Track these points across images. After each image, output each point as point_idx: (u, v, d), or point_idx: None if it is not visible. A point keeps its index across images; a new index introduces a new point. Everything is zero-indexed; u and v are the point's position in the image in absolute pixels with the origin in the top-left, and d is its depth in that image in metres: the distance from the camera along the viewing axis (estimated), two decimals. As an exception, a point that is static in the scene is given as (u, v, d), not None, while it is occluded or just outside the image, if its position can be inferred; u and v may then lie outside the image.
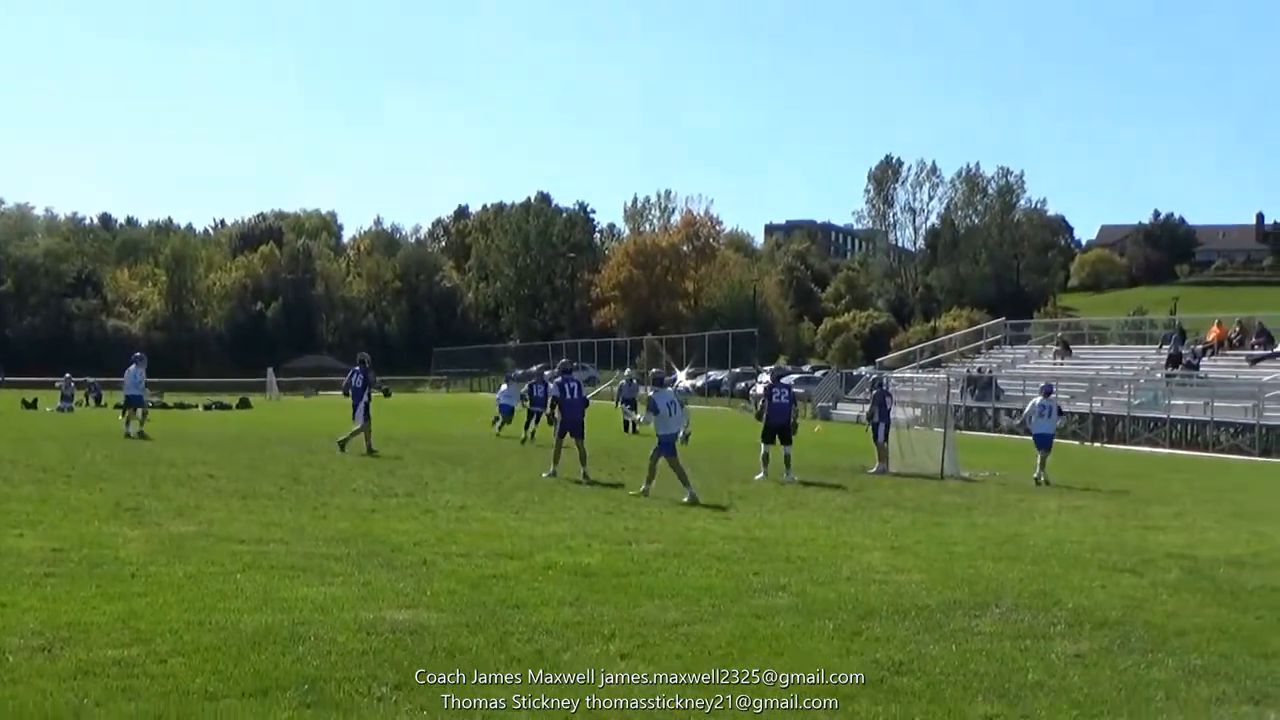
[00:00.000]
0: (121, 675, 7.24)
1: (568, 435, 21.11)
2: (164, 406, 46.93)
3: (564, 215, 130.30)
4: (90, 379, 56.32)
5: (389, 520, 14.52)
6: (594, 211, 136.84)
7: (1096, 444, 40.24)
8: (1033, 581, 11.61)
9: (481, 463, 22.89)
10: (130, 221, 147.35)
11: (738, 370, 70.93)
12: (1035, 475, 23.48)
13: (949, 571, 12.06)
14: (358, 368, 26.42)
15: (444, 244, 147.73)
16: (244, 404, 54.80)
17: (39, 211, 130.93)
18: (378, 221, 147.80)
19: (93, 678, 7.17)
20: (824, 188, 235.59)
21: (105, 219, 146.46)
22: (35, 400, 49.90)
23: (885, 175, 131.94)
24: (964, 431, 38.27)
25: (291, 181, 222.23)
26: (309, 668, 7.53)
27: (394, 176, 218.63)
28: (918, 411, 29.01)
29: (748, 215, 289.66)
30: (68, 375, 50.47)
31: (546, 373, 41.45)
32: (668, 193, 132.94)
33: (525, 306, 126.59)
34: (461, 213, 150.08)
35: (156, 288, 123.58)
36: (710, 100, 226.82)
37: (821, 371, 71.52)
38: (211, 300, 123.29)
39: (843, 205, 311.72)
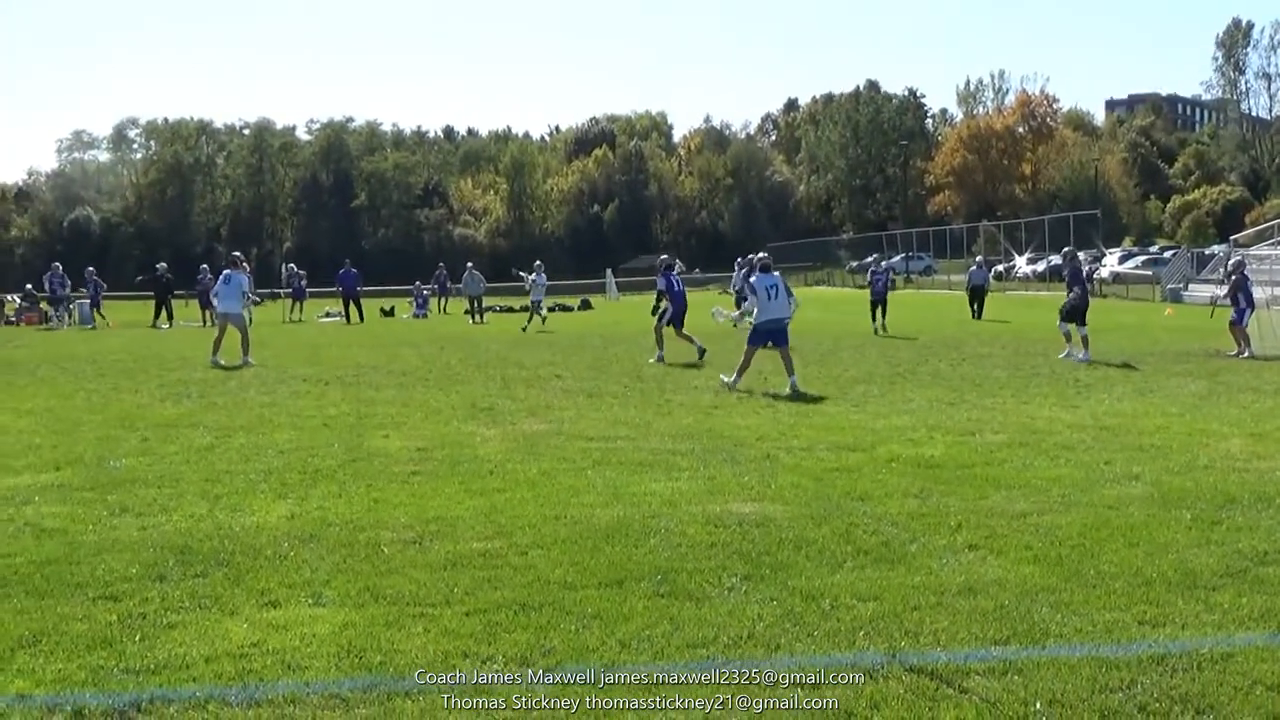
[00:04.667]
0: (486, 566, 7.64)
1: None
2: (509, 310, 48.54)
3: (894, 102, 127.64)
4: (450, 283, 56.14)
5: (730, 416, 14.72)
6: (924, 97, 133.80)
7: None
8: None
9: (819, 357, 22.89)
10: (471, 133, 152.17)
11: (1081, 253, 68.51)
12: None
13: (1316, 458, 11.45)
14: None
15: (773, 138, 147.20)
16: (585, 305, 56.17)
17: (386, 127, 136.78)
18: (707, 119, 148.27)
19: (460, 568, 7.58)
20: (1168, 58, 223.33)
21: (448, 131, 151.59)
22: (392, 308, 52.29)
23: (1234, 40, 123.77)
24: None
25: (622, 84, 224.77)
26: (660, 559, 7.76)
27: (721, 72, 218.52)
28: (1278, 291, 27.49)
29: (1087, 92, 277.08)
30: (418, 283, 52.68)
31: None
32: (1001, 73, 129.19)
33: (857, 198, 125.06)
34: (790, 105, 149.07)
35: (498, 195, 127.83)
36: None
37: (1170, 252, 68.37)
38: (550, 205, 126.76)
39: (1189, 75, 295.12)
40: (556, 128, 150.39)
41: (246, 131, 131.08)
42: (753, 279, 18.12)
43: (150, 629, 6.49)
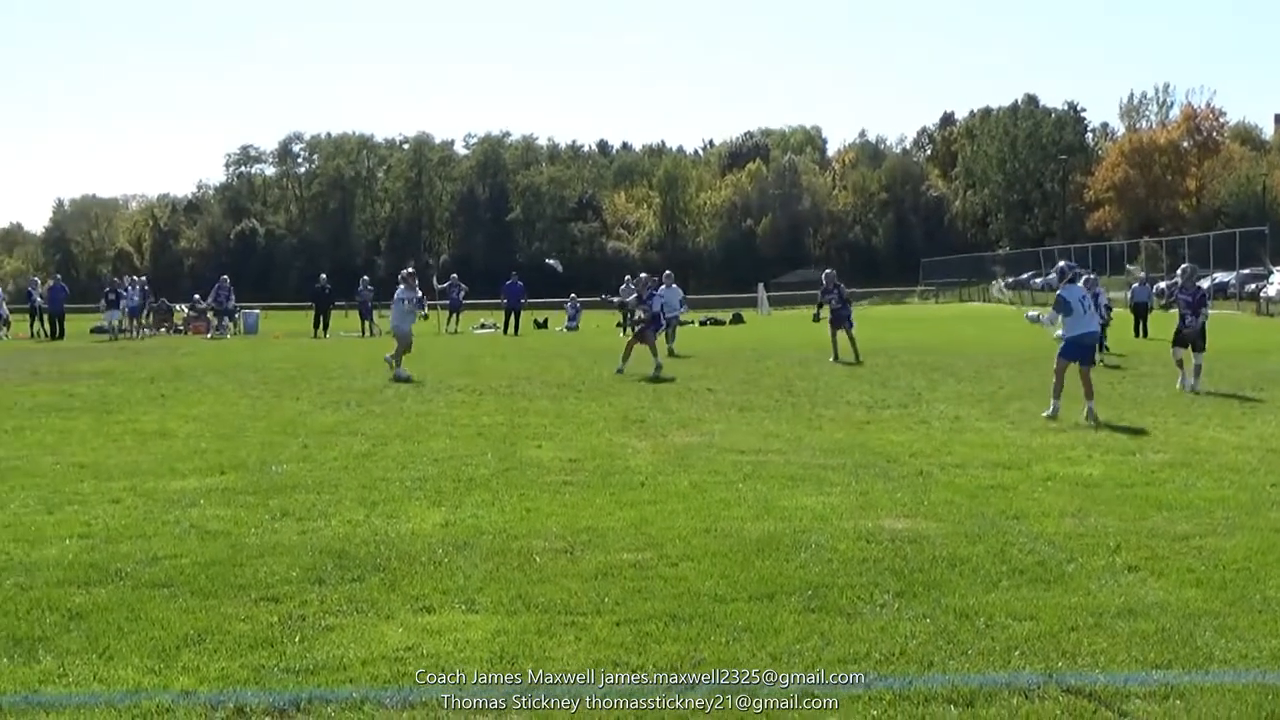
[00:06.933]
0: (637, 577, 7.67)
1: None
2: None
3: (1053, 116, 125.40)
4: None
5: (883, 431, 14.60)
6: (1085, 111, 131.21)
7: None
8: None
9: (973, 374, 22.59)
10: (625, 147, 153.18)
11: (1246, 271, 66.54)
12: None
13: None
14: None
15: (929, 152, 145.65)
16: (737, 319, 56.10)
17: (542, 142, 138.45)
18: (861, 134, 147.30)
19: (611, 579, 7.63)
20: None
21: (602, 145, 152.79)
22: (546, 320, 52.80)
23: None
24: None
25: (776, 98, 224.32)
26: (811, 574, 7.72)
27: (877, 85, 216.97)
28: None
29: (1255, 105, 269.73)
30: (573, 296, 53.08)
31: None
32: (1166, 86, 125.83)
33: (1014, 212, 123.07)
34: (947, 119, 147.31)
35: (651, 209, 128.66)
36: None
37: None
38: (703, 219, 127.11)
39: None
40: (710, 142, 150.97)
41: (406, 146, 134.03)
42: (1060, 290, 16.70)
43: (309, 630, 6.64)
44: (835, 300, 26.98)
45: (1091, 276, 23.09)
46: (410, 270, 26.04)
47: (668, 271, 34.53)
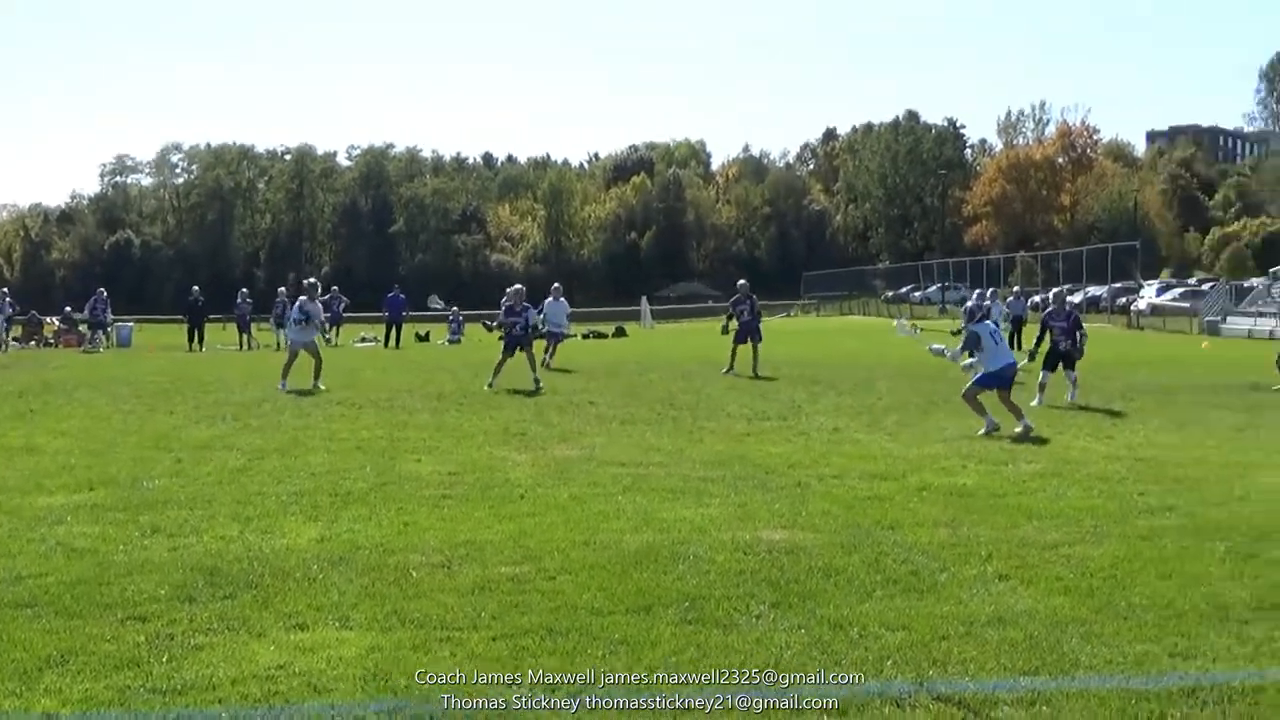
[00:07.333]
0: (514, 590, 7.64)
1: None
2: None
3: (933, 132, 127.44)
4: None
5: (763, 443, 14.70)
6: (964, 127, 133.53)
7: None
8: None
9: (853, 386, 22.84)
10: (510, 159, 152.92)
11: (1118, 285, 68.09)
12: None
13: (1356, 491, 11.34)
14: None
15: (812, 167, 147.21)
16: (620, 332, 56.18)
17: (426, 154, 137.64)
18: (745, 148, 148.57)
19: (488, 593, 7.59)
20: (1210, 90, 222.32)
21: (487, 158, 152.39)
22: (428, 333, 52.43)
23: (1277, 73, 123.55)
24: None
25: (661, 113, 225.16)
26: (689, 586, 7.75)
27: (760, 101, 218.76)
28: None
29: (1128, 123, 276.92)
30: (455, 309, 52.76)
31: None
32: (1042, 104, 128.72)
33: (894, 227, 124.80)
34: (829, 135, 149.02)
35: (535, 222, 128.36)
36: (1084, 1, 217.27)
37: (1209, 284, 67.95)
38: (587, 232, 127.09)
39: (1232, 107, 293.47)
40: (596, 155, 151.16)
41: (288, 157, 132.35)
42: (971, 327, 16.54)
43: (178, 650, 6.51)
44: (747, 313, 27.07)
45: (991, 291, 23.56)
46: (313, 281, 25.71)
47: (555, 285, 34.32)
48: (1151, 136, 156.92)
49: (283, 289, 48.38)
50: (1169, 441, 15.00)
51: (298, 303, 24.24)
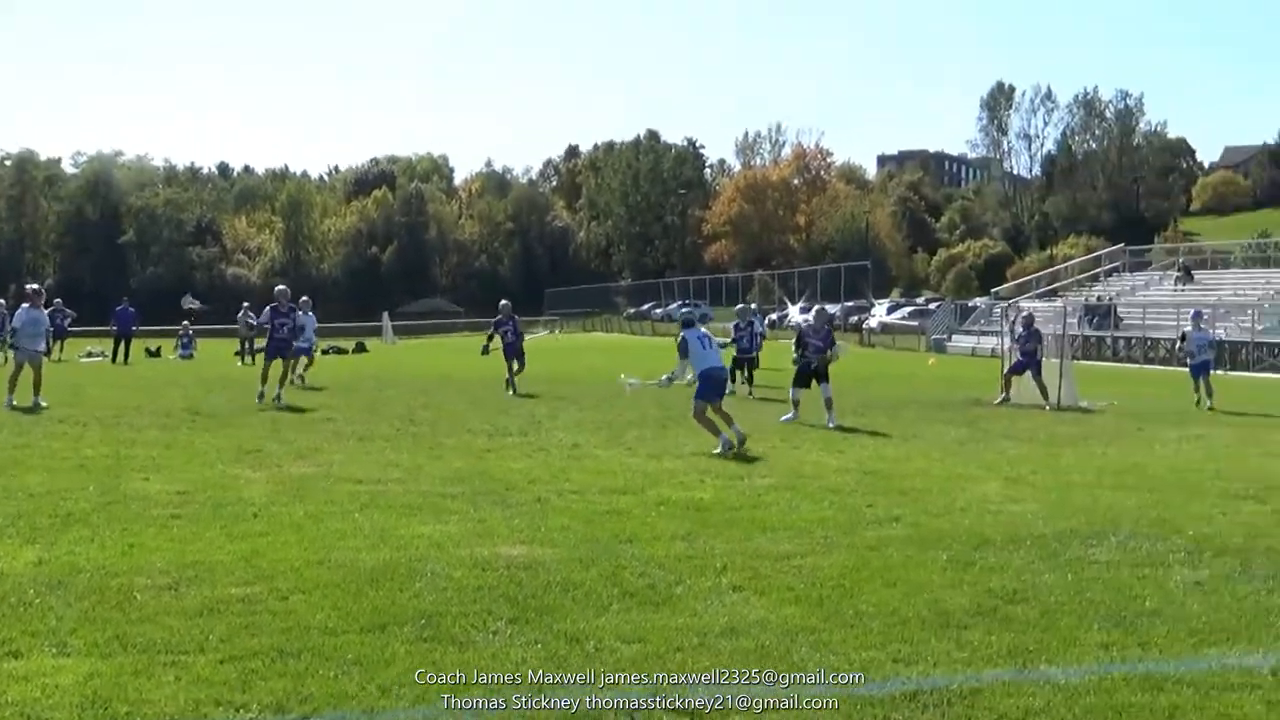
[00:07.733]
0: (245, 612, 7.42)
1: None
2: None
3: (674, 152, 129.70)
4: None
5: (503, 459, 14.67)
6: (703, 147, 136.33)
7: (1219, 371, 39.41)
8: (1151, 510, 11.46)
9: (594, 401, 23.01)
10: (247, 170, 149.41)
11: (850, 303, 70.40)
12: (1202, 402, 24.35)
13: (1065, 501, 11.96)
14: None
15: (555, 184, 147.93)
16: (360, 348, 55.40)
17: (158, 163, 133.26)
18: (488, 163, 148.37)
19: (217, 615, 7.36)
20: (937, 117, 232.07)
21: (223, 168, 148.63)
22: (159, 349, 50.80)
23: (998, 102, 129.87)
24: (1082, 361, 37.77)
25: (403, 126, 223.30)
26: (426, 603, 7.66)
27: (503, 117, 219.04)
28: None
29: (859, 147, 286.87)
30: (186, 323, 51.22)
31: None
32: (778, 126, 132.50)
33: (636, 244, 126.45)
34: (572, 152, 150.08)
35: (274, 235, 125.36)
36: (820, 28, 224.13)
37: (935, 303, 70.82)
38: (327, 246, 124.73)
39: (956, 134, 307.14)
40: (336, 168, 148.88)
41: (9, 162, 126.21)
42: (684, 333, 16.45)
43: (-122, 681, 6.13)
44: (510, 333, 26.91)
45: (752, 306, 23.87)
46: (37, 287, 24.50)
47: (305, 298, 33.45)
48: (882, 160, 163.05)
49: (1, 300, 46.16)
50: (896, 455, 15.56)
51: (21, 310, 23.06)
